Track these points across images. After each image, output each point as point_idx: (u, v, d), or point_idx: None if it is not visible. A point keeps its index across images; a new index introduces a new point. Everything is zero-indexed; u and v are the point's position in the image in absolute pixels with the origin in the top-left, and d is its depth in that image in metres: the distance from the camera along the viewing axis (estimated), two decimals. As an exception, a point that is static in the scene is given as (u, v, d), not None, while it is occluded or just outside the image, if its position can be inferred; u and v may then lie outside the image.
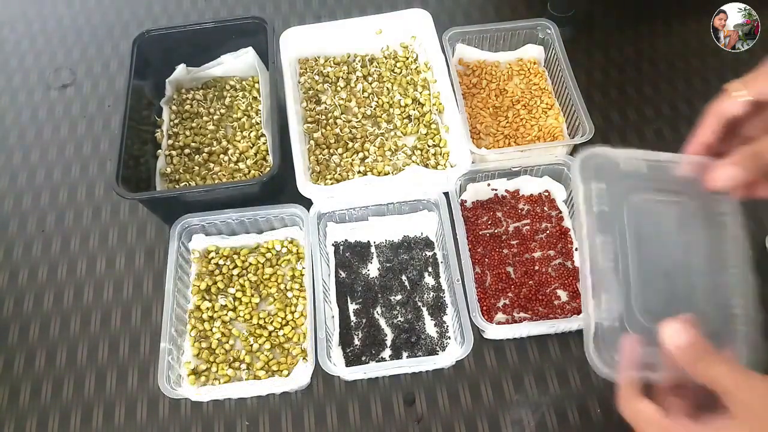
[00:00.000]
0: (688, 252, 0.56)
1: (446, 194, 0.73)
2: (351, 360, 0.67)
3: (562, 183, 0.77)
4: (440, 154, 0.79)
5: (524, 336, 0.69)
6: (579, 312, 0.67)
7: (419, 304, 0.70)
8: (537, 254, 0.73)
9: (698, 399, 0.44)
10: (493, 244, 0.73)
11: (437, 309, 0.69)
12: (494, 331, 0.67)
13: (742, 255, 0.54)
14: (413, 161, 0.78)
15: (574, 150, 0.79)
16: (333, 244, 0.74)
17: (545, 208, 0.76)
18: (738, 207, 0.54)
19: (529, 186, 0.77)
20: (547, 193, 0.77)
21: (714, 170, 0.49)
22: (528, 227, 0.75)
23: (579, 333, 0.68)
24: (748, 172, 0.47)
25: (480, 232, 0.74)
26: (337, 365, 0.64)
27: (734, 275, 0.54)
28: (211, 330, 0.69)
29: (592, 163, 0.55)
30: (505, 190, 0.77)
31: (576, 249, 0.72)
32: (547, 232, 0.74)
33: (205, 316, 0.70)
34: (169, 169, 0.79)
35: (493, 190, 0.77)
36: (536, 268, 0.72)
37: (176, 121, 0.84)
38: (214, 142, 0.82)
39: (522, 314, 0.69)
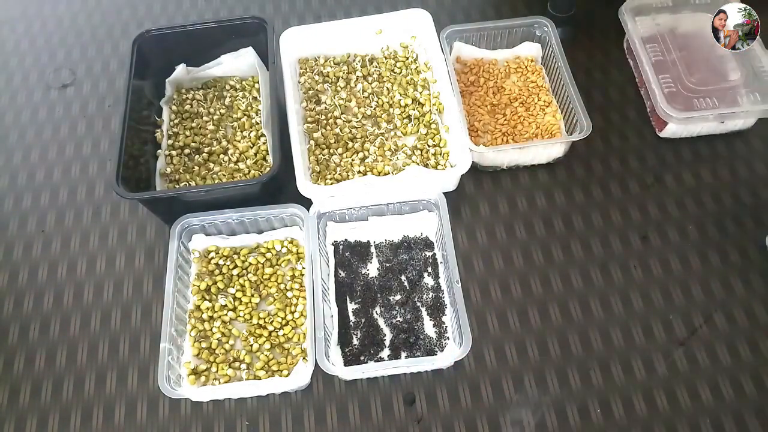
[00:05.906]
0: None
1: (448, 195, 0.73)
2: (349, 360, 0.67)
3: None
4: (440, 154, 0.79)
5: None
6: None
7: (418, 304, 0.70)
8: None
9: None
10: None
11: (436, 309, 0.69)
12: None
13: None
14: (413, 161, 0.78)
15: (573, 146, 0.79)
16: (332, 244, 0.74)
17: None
18: None
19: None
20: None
21: None
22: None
23: (581, 334, 0.68)
24: None
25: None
26: (335, 365, 0.64)
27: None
28: (211, 330, 0.69)
29: None
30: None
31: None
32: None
33: (205, 316, 0.70)
34: (169, 169, 0.79)
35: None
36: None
37: (176, 121, 0.84)
38: (214, 142, 0.82)
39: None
